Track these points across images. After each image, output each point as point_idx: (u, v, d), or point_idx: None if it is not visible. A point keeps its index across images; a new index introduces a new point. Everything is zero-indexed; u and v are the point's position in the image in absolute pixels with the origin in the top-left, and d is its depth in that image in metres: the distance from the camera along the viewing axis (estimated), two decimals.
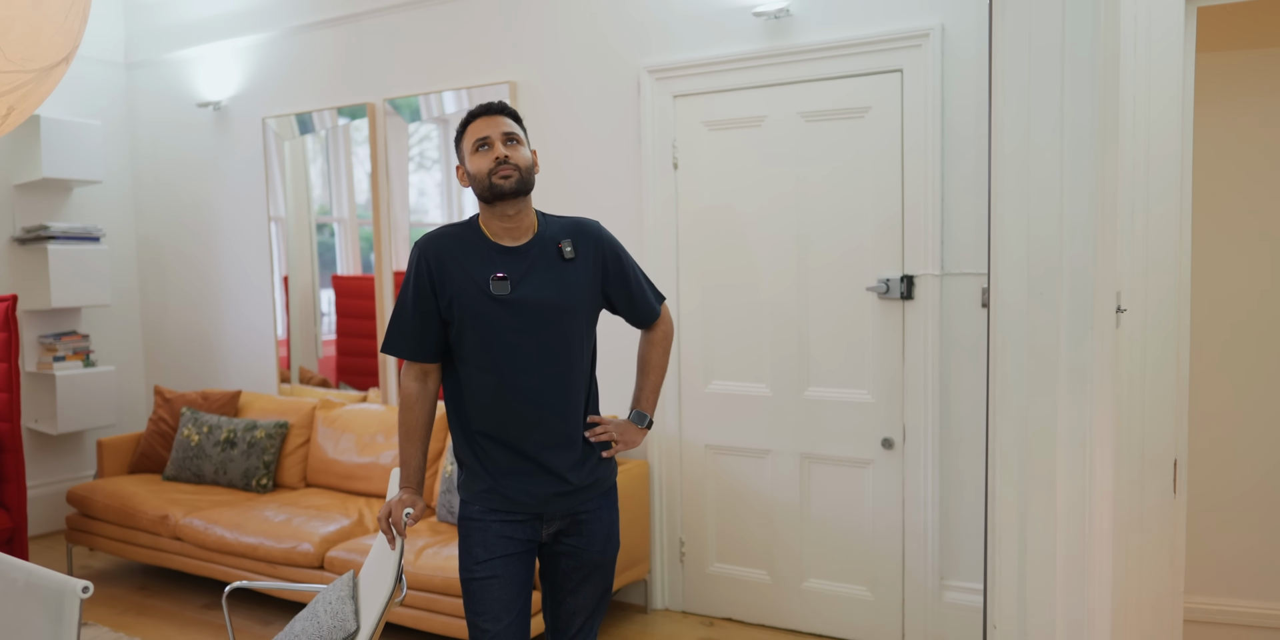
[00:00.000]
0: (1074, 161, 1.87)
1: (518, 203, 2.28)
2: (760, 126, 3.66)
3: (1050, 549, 1.93)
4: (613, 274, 2.40)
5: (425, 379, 2.37)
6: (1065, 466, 1.92)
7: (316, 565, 3.76)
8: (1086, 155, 1.86)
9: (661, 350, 2.52)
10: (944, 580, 3.47)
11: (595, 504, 2.38)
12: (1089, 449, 1.91)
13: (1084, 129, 1.86)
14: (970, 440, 3.39)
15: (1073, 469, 1.91)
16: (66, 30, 1.82)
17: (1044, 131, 1.90)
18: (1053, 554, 1.93)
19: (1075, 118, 1.86)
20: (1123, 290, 2.22)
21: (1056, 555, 1.92)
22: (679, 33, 3.79)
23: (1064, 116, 1.87)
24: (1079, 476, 1.91)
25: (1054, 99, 1.89)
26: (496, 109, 2.32)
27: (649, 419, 2.49)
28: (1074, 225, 1.88)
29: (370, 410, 4.54)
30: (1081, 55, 1.87)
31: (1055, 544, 1.92)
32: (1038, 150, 1.91)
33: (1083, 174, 1.86)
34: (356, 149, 4.75)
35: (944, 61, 3.33)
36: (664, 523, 3.96)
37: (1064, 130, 1.87)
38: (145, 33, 5.51)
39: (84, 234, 5.14)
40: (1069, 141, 1.87)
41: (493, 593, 2.29)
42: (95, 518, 4.47)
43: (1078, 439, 1.91)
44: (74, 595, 2.01)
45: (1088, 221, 1.86)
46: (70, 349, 5.20)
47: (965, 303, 3.38)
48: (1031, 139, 1.91)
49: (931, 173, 3.36)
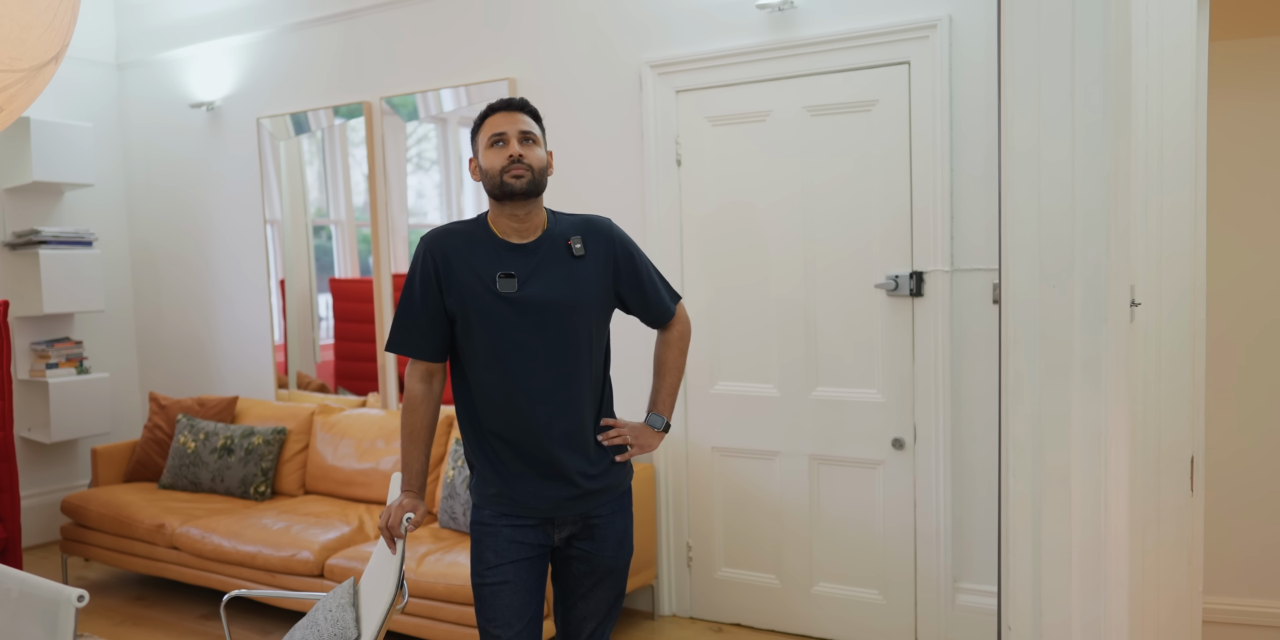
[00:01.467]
0: (1086, 150, 1.87)
1: (528, 203, 2.29)
2: (765, 121, 3.67)
3: (1065, 547, 1.93)
4: (625, 272, 2.40)
5: (430, 380, 2.37)
6: (1080, 463, 1.91)
7: (316, 573, 3.77)
8: (1099, 144, 1.86)
9: (678, 351, 2.52)
10: (957, 583, 3.47)
11: (608, 509, 2.38)
12: (1104, 445, 1.91)
13: (1096, 117, 1.86)
14: (983, 439, 3.38)
15: (1088, 465, 1.91)
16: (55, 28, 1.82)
17: (1055, 120, 1.90)
18: (1068, 552, 1.93)
19: (1087, 105, 1.86)
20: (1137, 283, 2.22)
21: (1072, 554, 1.92)
22: (681, 26, 3.80)
23: (1075, 105, 1.87)
24: (1094, 473, 1.91)
25: (1065, 87, 1.89)
26: (517, 105, 2.32)
27: (666, 422, 2.48)
28: (1087, 215, 1.88)
29: (370, 415, 4.54)
30: (1092, 43, 1.87)
31: (1070, 542, 1.92)
32: (1049, 139, 1.91)
33: (1095, 163, 1.87)
34: (353, 149, 4.76)
35: (952, 53, 3.33)
36: (671, 527, 3.96)
37: (1075, 118, 1.87)
38: (136, 32, 5.52)
39: (76, 238, 5.15)
40: (1080, 130, 1.87)
41: (504, 598, 2.29)
42: (90, 527, 4.48)
43: (1092, 435, 1.91)
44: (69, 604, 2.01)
45: (1101, 211, 1.86)
46: (63, 356, 5.21)
47: (976, 299, 3.38)
48: (1042, 128, 1.91)
49: (940, 166, 3.36)
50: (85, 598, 2.01)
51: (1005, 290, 2.02)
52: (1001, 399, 2.10)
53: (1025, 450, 1.99)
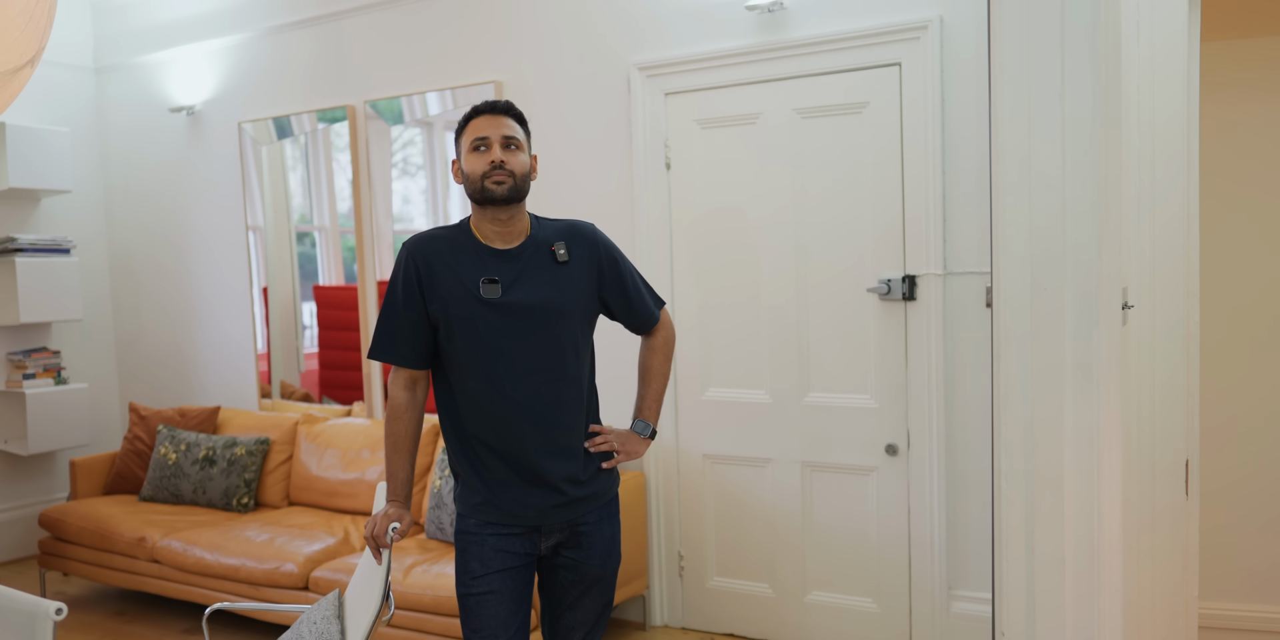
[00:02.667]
0: (1075, 151, 1.89)
1: (510, 208, 2.30)
2: (755, 124, 3.69)
3: (1059, 552, 1.94)
4: (609, 278, 2.42)
5: (414, 387, 2.38)
6: (1072, 467, 1.93)
7: (301, 586, 3.76)
8: (1088, 145, 1.88)
9: (663, 356, 2.53)
10: (952, 590, 3.48)
11: (595, 516, 2.39)
12: (1096, 449, 1.93)
13: (1086, 117, 1.88)
14: (977, 445, 3.40)
15: (1080, 469, 1.93)
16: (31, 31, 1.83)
17: (1045, 121, 1.92)
18: (1061, 558, 1.94)
19: (1077, 106, 1.89)
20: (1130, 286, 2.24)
21: (1065, 559, 1.94)
22: (670, 28, 3.82)
23: (1065, 105, 1.89)
24: (1087, 477, 1.93)
25: (1054, 87, 1.91)
26: (502, 108, 2.33)
27: (652, 429, 2.50)
28: (1077, 217, 1.89)
29: (355, 425, 4.54)
30: (1082, 42, 1.89)
31: (1064, 548, 1.94)
32: (1039, 140, 1.93)
33: (1085, 164, 1.89)
34: (337, 154, 4.76)
35: (943, 54, 3.36)
36: (662, 536, 3.96)
37: (1065, 119, 1.89)
38: (114, 35, 5.53)
39: (53, 245, 5.14)
40: (1070, 130, 1.89)
41: (490, 609, 2.29)
42: (69, 541, 4.46)
43: (1085, 438, 1.92)
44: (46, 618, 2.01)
45: (1091, 213, 1.88)
46: (40, 366, 5.20)
47: (969, 303, 3.40)
48: (1032, 129, 1.93)
49: (932, 169, 3.39)
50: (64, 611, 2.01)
51: (997, 292, 2.04)
52: (994, 403, 2.11)
53: (1017, 455, 2.01)
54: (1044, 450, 1.97)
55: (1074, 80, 1.89)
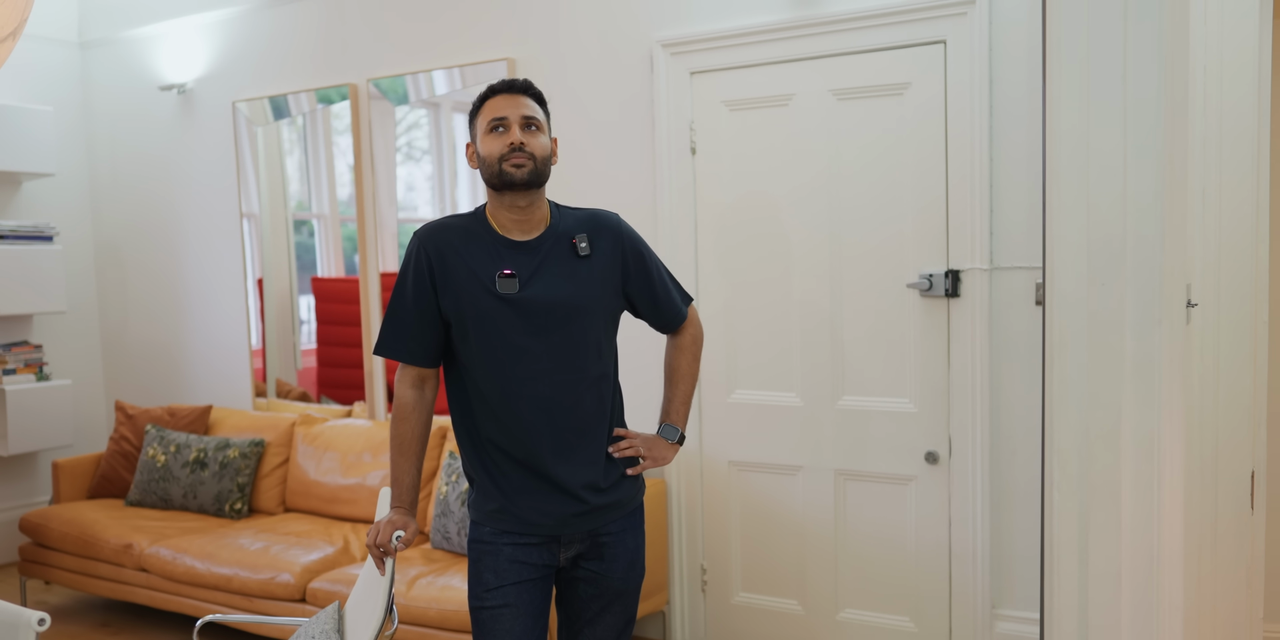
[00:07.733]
0: (1138, 137, 1.89)
1: (529, 194, 2.30)
2: (787, 106, 3.69)
3: (1114, 568, 1.94)
4: (634, 272, 2.42)
5: (422, 386, 2.39)
6: (1131, 476, 1.93)
7: (298, 598, 3.79)
8: (1152, 130, 1.88)
9: (691, 356, 2.54)
10: (995, 609, 3.48)
11: (618, 526, 2.40)
12: (1157, 457, 1.92)
13: (1150, 99, 1.87)
14: (1024, 453, 3.39)
15: (1139, 479, 1.93)
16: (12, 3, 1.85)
17: (1105, 104, 1.92)
18: (1117, 574, 1.94)
19: (1140, 88, 1.88)
20: (1193, 282, 2.23)
21: (1121, 575, 1.94)
22: (696, 2, 3.82)
23: (1127, 87, 1.89)
24: (1146, 488, 1.92)
25: (1115, 68, 1.90)
26: (520, 87, 2.33)
27: (680, 433, 2.50)
28: (1139, 208, 1.89)
29: (355, 426, 4.57)
30: (1146, 20, 1.89)
31: (1120, 562, 1.93)
32: (1098, 125, 1.92)
33: (1148, 151, 1.88)
34: (338, 137, 4.79)
35: (992, 31, 3.35)
36: (684, 548, 3.97)
37: (1127, 102, 1.89)
38: (101, 8, 5.56)
39: (35, 232, 5.18)
40: (1133, 115, 1.89)
41: (504, 623, 2.30)
42: (51, 548, 4.50)
43: (1145, 446, 1.92)
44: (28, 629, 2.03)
45: (1154, 203, 1.88)
46: (21, 361, 5.25)
47: (1018, 300, 3.39)
48: (1091, 113, 1.93)
49: (979, 155, 3.38)
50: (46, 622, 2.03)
51: (1050, 290, 2.04)
52: (1045, 408, 2.11)
53: (1071, 463, 2.01)
54: (1100, 458, 1.97)
55: (1137, 59, 1.89)
